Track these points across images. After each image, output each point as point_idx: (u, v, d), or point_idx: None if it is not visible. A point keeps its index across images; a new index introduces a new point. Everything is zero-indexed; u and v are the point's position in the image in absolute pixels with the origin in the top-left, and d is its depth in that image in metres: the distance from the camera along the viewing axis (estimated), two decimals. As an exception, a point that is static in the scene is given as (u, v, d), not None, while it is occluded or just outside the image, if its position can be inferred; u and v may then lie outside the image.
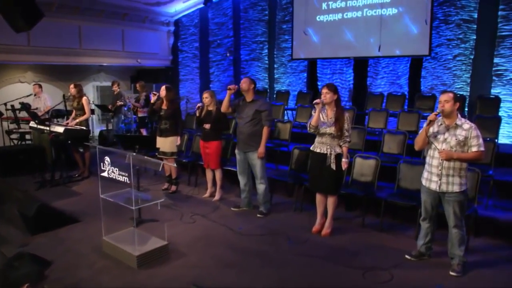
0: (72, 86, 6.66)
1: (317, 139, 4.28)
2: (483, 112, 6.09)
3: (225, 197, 5.78)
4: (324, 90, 4.14)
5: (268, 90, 9.29)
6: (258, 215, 5.01)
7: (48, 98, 8.32)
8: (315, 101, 4.12)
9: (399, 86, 7.43)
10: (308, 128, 4.25)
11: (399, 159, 4.96)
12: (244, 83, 4.89)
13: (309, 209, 5.01)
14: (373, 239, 4.31)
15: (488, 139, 5.10)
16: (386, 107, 7.06)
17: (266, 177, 5.09)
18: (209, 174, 5.72)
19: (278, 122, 6.85)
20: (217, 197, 5.63)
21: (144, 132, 8.62)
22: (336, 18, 7.89)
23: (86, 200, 5.63)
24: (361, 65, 7.87)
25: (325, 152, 4.18)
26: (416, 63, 7.18)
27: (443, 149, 3.40)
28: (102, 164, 3.98)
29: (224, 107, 5.06)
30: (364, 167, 4.94)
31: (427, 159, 3.58)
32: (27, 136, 8.27)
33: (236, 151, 5.12)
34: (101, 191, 4.05)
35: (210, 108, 5.47)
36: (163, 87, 5.99)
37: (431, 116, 3.39)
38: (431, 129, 3.52)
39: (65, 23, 8.81)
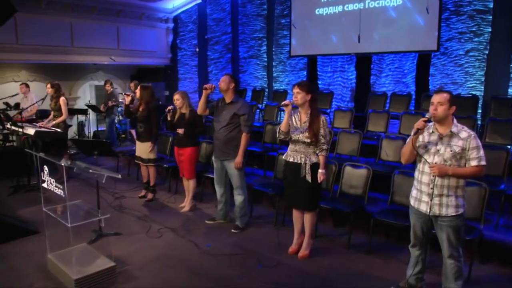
0: (48, 85, 6.29)
1: (290, 147, 3.70)
2: (498, 114, 5.34)
3: (203, 207, 5.28)
4: (295, 90, 3.56)
5: (267, 90, 8.71)
6: (233, 230, 4.46)
7: (35, 98, 7.97)
8: (283, 103, 3.54)
9: (405, 85, 6.72)
10: (277, 134, 3.67)
11: (397, 168, 4.33)
12: (223, 82, 4.31)
13: (291, 224, 4.40)
14: (358, 264, 3.69)
15: (500, 146, 4.40)
16: (389, 108, 6.38)
17: (246, 188, 4.52)
18: (186, 183, 5.20)
19: (268, 124, 6.28)
20: (186, 208, 5.11)
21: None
22: (336, 11, 7.24)
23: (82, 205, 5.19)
24: (364, 62, 7.19)
25: (299, 161, 3.59)
26: (423, 60, 6.46)
27: (435, 163, 2.76)
28: (42, 174, 3.50)
29: (200, 109, 4.51)
30: (354, 178, 4.32)
31: (416, 175, 2.95)
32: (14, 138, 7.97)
33: (213, 158, 4.58)
34: (45, 203, 3.59)
35: (183, 110, 4.94)
36: (139, 87, 5.53)
37: (418, 123, 2.76)
38: (420, 139, 2.89)
39: (55, 20, 8.46)
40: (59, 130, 5.92)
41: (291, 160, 3.65)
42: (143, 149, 5.38)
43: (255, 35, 8.84)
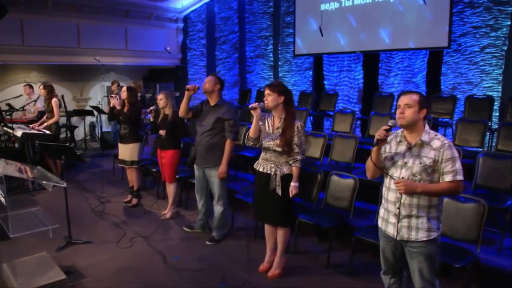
0: (41, 86, 6.21)
1: (262, 155, 3.33)
2: (516, 118, 4.74)
3: (186, 214, 5.01)
4: (266, 91, 3.19)
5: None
6: (207, 242, 4.14)
7: (39, 99, 8.00)
8: (250, 106, 3.18)
9: (415, 85, 6.16)
10: (246, 141, 3.31)
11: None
12: (208, 83, 3.96)
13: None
14: (334, 287, 3.27)
15: (510, 155, 3.84)
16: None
17: (227, 198, 4.19)
18: (168, 188, 4.94)
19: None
20: (167, 215, 4.83)
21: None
22: (342, 6, 6.76)
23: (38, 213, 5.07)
24: (371, 61, 6.68)
25: (269, 172, 3.21)
26: (435, 57, 5.87)
27: (402, 178, 2.32)
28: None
29: (182, 112, 4.13)
30: (340, 189, 3.89)
31: (383, 191, 2.51)
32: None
33: (195, 165, 4.27)
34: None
35: (167, 111, 4.69)
36: (124, 88, 5.33)
37: (379, 133, 2.32)
38: (387, 149, 2.44)
39: (61, 21, 8.46)
40: (47, 132, 5.81)
41: (260, 169, 3.28)
42: (127, 151, 5.18)
43: (262, 34, 8.50)
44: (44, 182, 3.05)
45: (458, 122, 4.74)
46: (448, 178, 2.21)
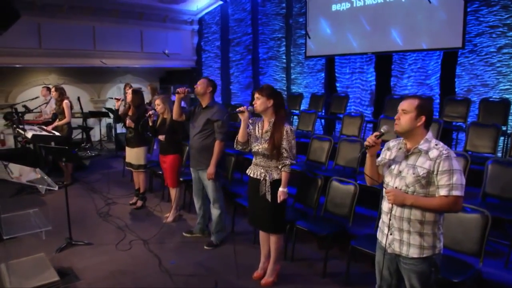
0: (53, 89, 6.34)
1: (253, 160, 3.25)
2: (533, 122, 4.47)
3: (188, 218, 4.99)
4: (256, 95, 3.12)
5: (286, 93, 8.22)
6: (205, 247, 4.09)
7: (50, 101, 8.17)
8: (238, 109, 3.11)
9: (428, 87, 5.93)
10: (235, 145, 3.25)
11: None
12: (200, 85, 3.98)
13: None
14: (328, 298, 3.16)
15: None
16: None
17: (223, 201, 4.14)
18: (171, 192, 4.93)
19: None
20: (169, 218, 4.82)
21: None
22: (353, 6, 6.60)
23: (43, 213, 5.10)
24: (384, 63, 6.48)
25: (259, 177, 3.14)
26: (449, 59, 5.63)
27: (395, 188, 2.19)
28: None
29: (175, 115, 4.16)
30: (339, 195, 3.76)
31: (382, 200, 2.39)
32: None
33: (190, 168, 4.25)
34: None
35: (165, 116, 4.68)
36: (130, 90, 5.37)
37: (369, 139, 2.21)
38: (387, 155, 2.32)
39: (77, 25, 8.63)
40: (57, 133, 5.91)
41: (251, 174, 3.21)
42: (133, 154, 5.21)
43: (274, 35, 8.40)
44: (40, 186, 3.06)
45: (469, 126, 4.51)
46: (442, 192, 2.06)
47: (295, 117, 7.24)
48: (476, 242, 2.83)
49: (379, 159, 2.34)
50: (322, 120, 7.10)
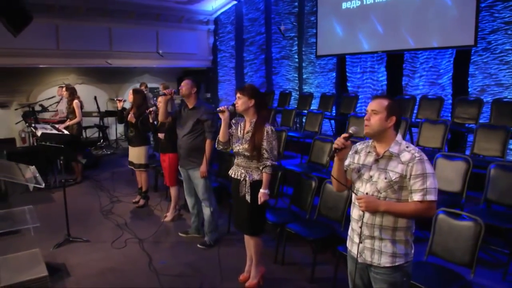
0: (64, 89, 6.50)
1: (235, 160, 3.20)
2: (548, 125, 4.18)
3: (188, 217, 4.95)
4: (237, 94, 3.06)
5: (298, 93, 8.10)
6: (199, 246, 4.09)
7: (61, 101, 8.38)
8: (218, 109, 3.06)
9: (441, 87, 5.68)
10: (216, 145, 3.20)
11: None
12: (184, 87, 3.99)
13: (266, 244, 3.86)
14: (313, 304, 3.06)
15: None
16: (417, 115, 5.43)
17: (214, 200, 4.12)
18: (171, 191, 4.95)
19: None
20: (168, 217, 4.83)
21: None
22: (363, 4, 6.41)
23: (49, 209, 5.26)
24: (395, 62, 6.26)
25: (239, 177, 3.08)
26: (462, 57, 5.37)
27: (366, 194, 2.08)
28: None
29: (161, 117, 4.22)
30: (332, 198, 3.65)
31: (351, 207, 2.27)
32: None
33: (179, 168, 4.26)
34: None
35: None
36: (131, 91, 5.43)
37: (337, 141, 2.08)
38: (355, 159, 2.20)
39: (94, 26, 8.83)
40: (66, 132, 6.04)
41: (232, 175, 3.16)
42: (134, 153, 5.27)
43: (287, 35, 8.30)
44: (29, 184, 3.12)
45: (477, 128, 4.27)
46: (416, 197, 1.94)
47: (303, 117, 7.11)
48: (468, 251, 2.65)
49: (346, 163, 2.21)
50: (332, 121, 6.95)
